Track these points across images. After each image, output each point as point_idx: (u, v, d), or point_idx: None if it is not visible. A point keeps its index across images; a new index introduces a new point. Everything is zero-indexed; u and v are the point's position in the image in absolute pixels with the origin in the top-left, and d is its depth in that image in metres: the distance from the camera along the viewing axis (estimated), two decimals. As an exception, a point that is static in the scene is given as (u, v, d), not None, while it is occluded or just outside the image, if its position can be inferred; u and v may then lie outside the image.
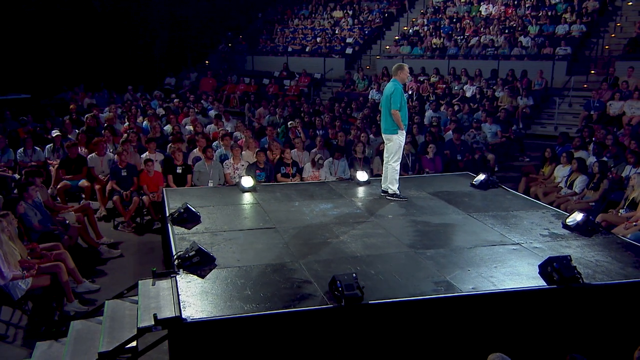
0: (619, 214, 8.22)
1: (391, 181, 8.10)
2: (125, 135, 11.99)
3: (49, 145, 11.55)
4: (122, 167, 9.85)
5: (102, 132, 12.85)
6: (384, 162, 8.17)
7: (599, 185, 8.93)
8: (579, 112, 16.24)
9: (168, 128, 13.34)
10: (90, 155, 10.74)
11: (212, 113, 16.08)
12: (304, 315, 4.79)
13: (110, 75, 22.01)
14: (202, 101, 18.16)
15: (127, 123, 14.05)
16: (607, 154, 10.20)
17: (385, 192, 8.14)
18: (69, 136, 12.43)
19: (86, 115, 14.51)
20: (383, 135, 8.17)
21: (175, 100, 17.85)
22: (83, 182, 10.28)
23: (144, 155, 10.68)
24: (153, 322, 4.63)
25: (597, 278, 5.29)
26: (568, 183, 9.45)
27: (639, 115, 14.56)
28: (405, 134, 8.04)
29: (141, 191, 9.73)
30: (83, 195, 10.48)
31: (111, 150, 11.28)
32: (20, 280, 6.20)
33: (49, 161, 11.24)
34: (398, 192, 8.08)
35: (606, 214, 8.35)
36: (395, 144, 7.97)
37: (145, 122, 14.06)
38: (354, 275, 5.00)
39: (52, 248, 7.07)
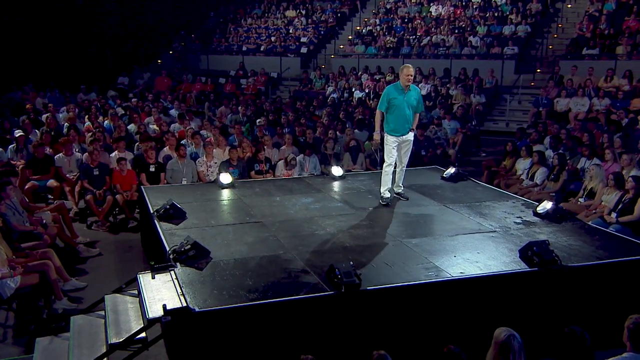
0: (579, 203, 8.79)
1: (382, 183, 7.86)
2: (91, 134, 11.86)
3: (12, 145, 11.31)
4: (94, 167, 9.78)
5: (64, 132, 12.68)
6: None
7: (558, 176, 9.51)
8: (529, 108, 17.07)
9: (132, 127, 13.25)
10: (58, 155, 10.61)
11: (172, 112, 16.03)
12: (308, 302, 4.98)
13: (59, 74, 21.48)
14: (161, 100, 18.03)
15: (87, 123, 13.88)
16: (561, 147, 10.83)
17: (398, 194, 8.07)
18: (30, 136, 12.18)
19: (45, 115, 14.22)
20: None
21: (134, 100, 17.68)
22: (52, 182, 10.14)
23: (113, 155, 10.63)
24: (162, 313, 4.73)
25: (573, 260, 5.73)
26: (529, 175, 10.01)
27: (583, 111, 15.45)
28: (394, 137, 7.71)
29: (114, 190, 9.70)
30: (49, 196, 10.36)
31: (77, 150, 11.15)
32: (9, 279, 6.16)
33: (12, 161, 10.98)
34: (382, 194, 7.80)
35: (567, 203, 8.91)
36: (385, 146, 7.82)
37: (106, 122, 13.90)
38: (352, 263, 5.26)
39: (35, 247, 7.04)
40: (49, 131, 12.12)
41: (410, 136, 7.88)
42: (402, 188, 8.12)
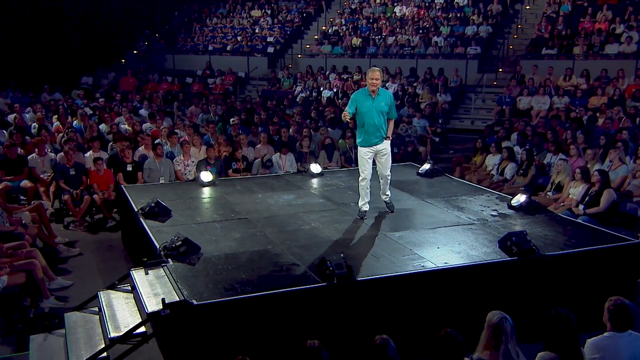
0: (547, 196, 9.18)
1: (360, 196, 7.25)
2: (63, 134, 11.74)
3: (-19, 145, 11.11)
4: (70, 167, 9.73)
5: (34, 132, 12.51)
6: None
7: (527, 171, 9.90)
8: (492, 107, 17.58)
9: (104, 127, 13.15)
10: (31, 155, 10.50)
11: (142, 112, 15.94)
12: (302, 293, 5.15)
13: (20, 74, 21.01)
14: (129, 100, 17.87)
15: (56, 123, 13.71)
16: (528, 144, 11.25)
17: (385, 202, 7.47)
18: (-2, 137, 12.00)
19: (12, 116, 13.98)
20: None
21: (101, 100, 17.50)
22: (25, 183, 10.02)
23: (88, 155, 10.58)
24: (161, 307, 4.82)
25: (549, 249, 6.04)
26: (499, 170, 10.38)
27: (544, 109, 16.03)
28: (366, 148, 7.05)
29: (91, 190, 9.66)
30: (22, 197, 10.23)
31: (50, 150, 11.04)
32: (-4, 279, 6.14)
33: (-18, 162, 10.79)
34: (360, 207, 7.23)
35: (536, 196, 9.27)
36: (359, 159, 7.23)
37: (76, 122, 13.74)
38: (342, 255, 5.45)
39: (18, 247, 6.99)
40: (18, 131, 11.93)
41: (386, 145, 7.09)
42: (389, 197, 7.42)
